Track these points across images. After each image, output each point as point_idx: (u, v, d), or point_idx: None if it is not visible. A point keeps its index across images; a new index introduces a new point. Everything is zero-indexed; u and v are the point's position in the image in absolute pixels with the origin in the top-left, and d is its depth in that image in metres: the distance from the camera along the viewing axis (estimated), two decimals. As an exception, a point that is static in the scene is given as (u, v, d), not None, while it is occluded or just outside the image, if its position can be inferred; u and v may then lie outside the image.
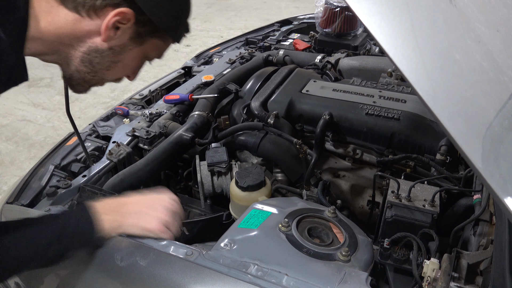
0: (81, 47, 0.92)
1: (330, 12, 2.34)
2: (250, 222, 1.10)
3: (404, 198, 1.19)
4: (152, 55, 1.02)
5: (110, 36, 0.91)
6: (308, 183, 1.45)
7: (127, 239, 1.06)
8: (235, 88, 1.89)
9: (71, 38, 0.91)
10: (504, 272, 0.80)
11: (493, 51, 0.85)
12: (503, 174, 0.68)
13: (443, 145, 1.46)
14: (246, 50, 2.46)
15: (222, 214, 1.44)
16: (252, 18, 6.91)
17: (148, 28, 0.93)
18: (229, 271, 0.95)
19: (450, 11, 0.85)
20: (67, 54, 0.93)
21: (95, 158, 1.59)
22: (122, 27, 0.90)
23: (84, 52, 0.93)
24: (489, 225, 1.14)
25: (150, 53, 1.01)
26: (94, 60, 0.94)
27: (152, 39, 0.97)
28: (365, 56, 2.15)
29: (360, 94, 1.70)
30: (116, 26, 0.90)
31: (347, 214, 1.47)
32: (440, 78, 0.77)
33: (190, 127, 1.63)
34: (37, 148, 3.60)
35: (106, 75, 1.00)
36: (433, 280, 0.97)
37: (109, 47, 0.93)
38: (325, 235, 1.10)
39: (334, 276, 0.95)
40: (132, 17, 0.89)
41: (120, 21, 0.89)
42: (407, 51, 0.78)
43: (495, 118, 0.76)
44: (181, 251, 1.01)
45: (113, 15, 0.87)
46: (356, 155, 1.62)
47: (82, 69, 0.95)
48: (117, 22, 0.89)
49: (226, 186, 1.50)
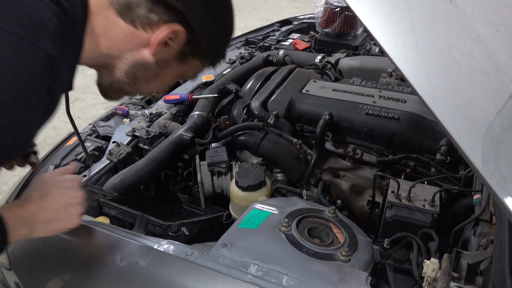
0: (128, 60, 0.94)
1: (330, 12, 2.34)
2: (250, 222, 1.10)
3: (404, 198, 1.19)
4: (188, 75, 1.06)
5: (158, 51, 0.93)
6: (308, 183, 1.45)
7: (127, 239, 1.06)
8: (235, 88, 1.89)
9: (121, 49, 0.93)
10: (504, 272, 0.80)
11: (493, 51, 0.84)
12: (503, 174, 0.68)
13: (443, 145, 1.46)
14: (246, 50, 2.46)
15: (222, 214, 1.44)
16: (252, 18, 6.90)
17: (194, 49, 0.96)
18: (229, 271, 0.95)
19: (450, 11, 0.85)
20: (113, 65, 0.95)
21: (95, 158, 1.59)
22: (171, 44, 0.93)
23: (130, 64, 0.95)
24: (489, 225, 1.14)
25: (187, 72, 1.04)
26: (138, 72, 0.96)
27: (194, 60, 0.99)
28: (365, 56, 2.15)
29: (360, 94, 1.70)
30: (166, 42, 0.92)
31: (347, 214, 1.47)
32: (440, 78, 0.77)
33: (190, 127, 1.63)
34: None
35: (143, 88, 1.02)
36: (433, 280, 0.97)
37: (155, 61, 0.95)
38: (325, 235, 1.10)
39: (334, 276, 0.95)
40: (183, 35, 0.91)
41: (172, 38, 0.91)
42: (407, 51, 0.78)
43: (495, 118, 0.76)
44: (181, 251, 1.01)
45: (167, 31, 0.90)
46: (356, 155, 1.62)
47: (124, 80, 0.97)
48: (168, 39, 0.91)
49: (226, 186, 1.50)
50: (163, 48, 0.93)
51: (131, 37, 0.91)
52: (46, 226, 0.95)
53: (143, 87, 1.02)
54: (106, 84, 0.99)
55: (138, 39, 0.92)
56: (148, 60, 0.95)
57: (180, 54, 0.96)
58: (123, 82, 0.98)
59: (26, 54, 0.72)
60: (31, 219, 0.92)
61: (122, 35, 0.91)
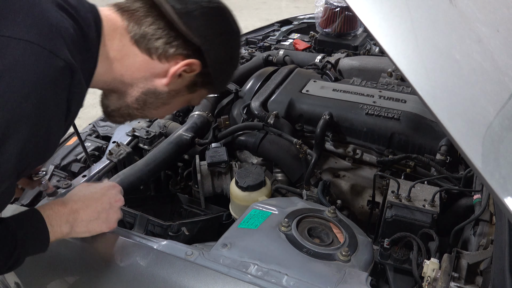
0: (140, 88, 0.96)
1: (330, 12, 2.34)
2: (250, 222, 1.10)
3: (404, 198, 1.19)
4: (195, 102, 1.09)
5: (172, 82, 0.95)
6: (308, 183, 1.45)
7: (127, 239, 1.06)
8: (235, 88, 1.89)
9: (134, 77, 0.94)
10: (504, 272, 0.79)
11: (493, 51, 0.84)
12: (503, 174, 0.68)
13: (443, 145, 1.46)
14: (246, 50, 2.46)
15: (222, 214, 1.44)
16: (252, 18, 6.90)
17: (204, 80, 0.99)
18: (229, 271, 0.95)
19: (450, 11, 0.85)
20: (125, 91, 0.96)
21: (95, 158, 1.59)
22: (185, 75, 0.95)
23: (142, 92, 0.96)
24: (489, 225, 1.14)
25: (194, 100, 1.07)
26: (149, 100, 0.98)
27: (202, 89, 1.03)
28: (365, 56, 2.15)
29: (360, 94, 1.70)
30: (181, 74, 0.94)
31: (347, 214, 1.47)
32: (440, 78, 0.77)
33: (190, 127, 1.63)
34: (37, 148, 3.59)
35: (151, 114, 1.04)
36: (433, 280, 0.97)
37: (166, 91, 0.97)
38: (325, 235, 1.10)
39: (334, 276, 0.95)
40: (198, 69, 0.94)
41: (187, 71, 0.94)
42: (407, 51, 0.78)
43: (495, 118, 0.76)
44: (181, 251, 1.01)
45: (183, 64, 0.92)
46: (356, 155, 1.62)
47: (134, 106, 0.99)
48: (183, 71, 0.94)
49: (226, 186, 1.50)
50: (176, 79, 0.95)
51: (146, 66, 0.92)
52: (87, 225, 0.98)
53: (151, 113, 1.04)
54: (113, 107, 1.00)
55: (153, 69, 0.93)
56: (160, 90, 0.96)
57: (191, 85, 0.99)
58: (132, 107, 0.99)
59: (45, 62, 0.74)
60: (73, 217, 0.96)
61: (137, 63, 0.92)
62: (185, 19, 0.89)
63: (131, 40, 0.90)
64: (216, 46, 0.94)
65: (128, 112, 1.00)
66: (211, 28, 0.92)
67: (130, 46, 0.91)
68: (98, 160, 1.55)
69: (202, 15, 0.90)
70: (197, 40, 0.90)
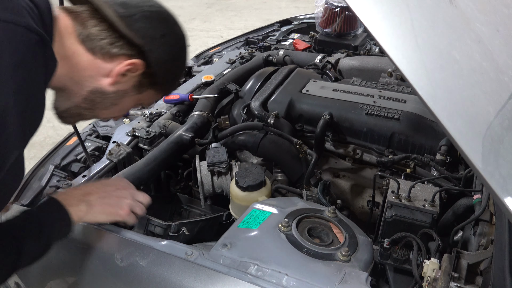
0: (87, 86, 0.99)
1: (330, 12, 2.34)
2: (250, 222, 1.10)
3: (404, 198, 1.19)
4: (145, 103, 1.14)
5: (117, 81, 0.99)
6: (308, 183, 1.45)
7: (127, 239, 1.06)
8: (235, 88, 1.89)
9: (81, 75, 0.97)
10: (504, 272, 0.80)
11: (493, 51, 0.84)
12: (503, 174, 0.68)
13: (443, 145, 1.46)
14: (246, 50, 2.46)
15: (222, 214, 1.44)
16: (252, 18, 6.91)
17: (150, 81, 1.04)
18: (229, 271, 0.96)
19: (450, 11, 0.85)
20: (73, 90, 0.99)
21: (95, 158, 1.59)
22: (129, 75, 1.00)
23: (89, 91, 1.00)
24: (489, 225, 1.13)
25: (144, 101, 1.12)
26: (97, 99, 1.01)
27: (150, 90, 1.08)
28: (365, 56, 2.15)
29: (360, 94, 1.70)
30: (125, 73, 0.98)
31: (347, 214, 1.47)
32: (440, 78, 0.77)
33: (190, 127, 1.62)
34: (37, 148, 3.59)
35: (101, 114, 1.08)
36: (433, 280, 0.97)
37: (113, 90, 1.01)
38: (325, 235, 1.10)
39: (334, 276, 0.95)
40: (141, 68, 0.99)
41: (130, 70, 0.98)
42: (407, 51, 0.78)
43: (495, 118, 0.76)
44: (181, 251, 1.01)
45: (126, 64, 0.97)
46: (356, 155, 1.62)
47: (83, 105, 1.02)
48: (127, 71, 0.98)
49: (226, 186, 1.50)
50: (121, 79, 0.99)
51: (91, 65, 0.97)
52: (102, 207, 1.07)
53: (101, 113, 1.08)
54: (63, 108, 1.03)
55: (98, 68, 0.97)
56: (106, 89, 1.00)
57: (138, 85, 1.04)
58: (81, 107, 1.02)
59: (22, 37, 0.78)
60: (87, 197, 1.06)
61: (83, 62, 0.96)
62: (127, 21, 0.94)
63: (77, 40, 0.94)
64: (158, 47, 0.99)
65: (78, 112, 1.04)
66: (153, 30, 0.98)
67: (77, 45, 0.94)
68: (98, 160, 1.55)
69: (143, 18, 0.97)
70: (139, 41, 0.96)
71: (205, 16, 7.05)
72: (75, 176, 1.47)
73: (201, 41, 5.95)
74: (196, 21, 6.83)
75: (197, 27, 6.54)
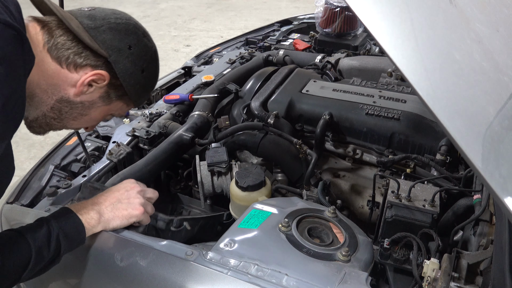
0: (54, 95, 1.00)
1: (330, 12, 2.35)
2: (250, 222, 1.10)
3: (404, 198, 1.19)
4: (115, 114, 1.15)
5: (82, 91, 1.00)
6: (308, 183, 1.45)
7: (127, 239, 1.06)
8: (235, 88, 1.89)
9: (48, 83, 0.98)
10: (504, 272, 0.79)
11: (493, 51, 0.84)
12: (503, 174, 0.68)
13: (443, 145, 1.46)
14: (246, 50, 2.46)
15: (222, 214, 1.44)
16: (252, 18, 6.91)
17: (118, 92, 1.06)
18: (229, 271, 0.95)
19: (450, 11, 0.85)
20: (40, 98, 1.00)
21: (95, 158, 1.59)
22: (96, 86, 1.01)
23: (56, 100, 1.01)
24: (489, 225, 1.13)
25: (114, 112, 1.13)
26: (64, 109, 1.03)
27: (118, 101, 1.09)
28: (365, 56, 2.15)
29: (360, 94, 1.70)
30: (90, 84, 0.99)
31: (347, 214, 1.47)
32: (440, 78, 0.77)
33: (190, 127, 1.62)
34: (37, 148, 3.60)
35: (70, 124, 1.09)
36: (433, 280, 0.97)
37: (80, 101, 1.02)
38: (325, 235, 1.10)
39: (334, 276, 0.95)
40: (107, 79, 1.01)
41: (95, 81, 1.00)
42: (407, 51, 0.78)
43: (495, 118, 0.76)
44: (181, 251, 1.01)
45: (91, 74, 0.98)
46: (356, 155, 1.62)
47: (50, 115, 1.03)
48: (92, 81, 1.00)
49: (226, 186, 1.50)
50: (87, 89, 1.00)
51: (57, 74, 0.98)
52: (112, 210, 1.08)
53: (71, 124, 1.09)
54: (32, 117, 1.03)
55: (64, 77, 0.98)
56: (73, 99, 1.01)
57: (105, 96, 1.05)
58: (49, 117, 1.03)
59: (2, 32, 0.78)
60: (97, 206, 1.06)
61: (50, 71, 0.97)
62: (92, 33, 0.97)
63: (45, 48, 0.96)
64: (124, 58, 1.01)
65: (46, 121, 1.04)
66: (118, 41, 1.00)
67: (45, 53, 0.96)
68: (98, 160, 1.55)
69: (109, 30, 0.99)
70: (104, 52, 0.98)
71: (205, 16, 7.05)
72: (75, 176, 1.47)
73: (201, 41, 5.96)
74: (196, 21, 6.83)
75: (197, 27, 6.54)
